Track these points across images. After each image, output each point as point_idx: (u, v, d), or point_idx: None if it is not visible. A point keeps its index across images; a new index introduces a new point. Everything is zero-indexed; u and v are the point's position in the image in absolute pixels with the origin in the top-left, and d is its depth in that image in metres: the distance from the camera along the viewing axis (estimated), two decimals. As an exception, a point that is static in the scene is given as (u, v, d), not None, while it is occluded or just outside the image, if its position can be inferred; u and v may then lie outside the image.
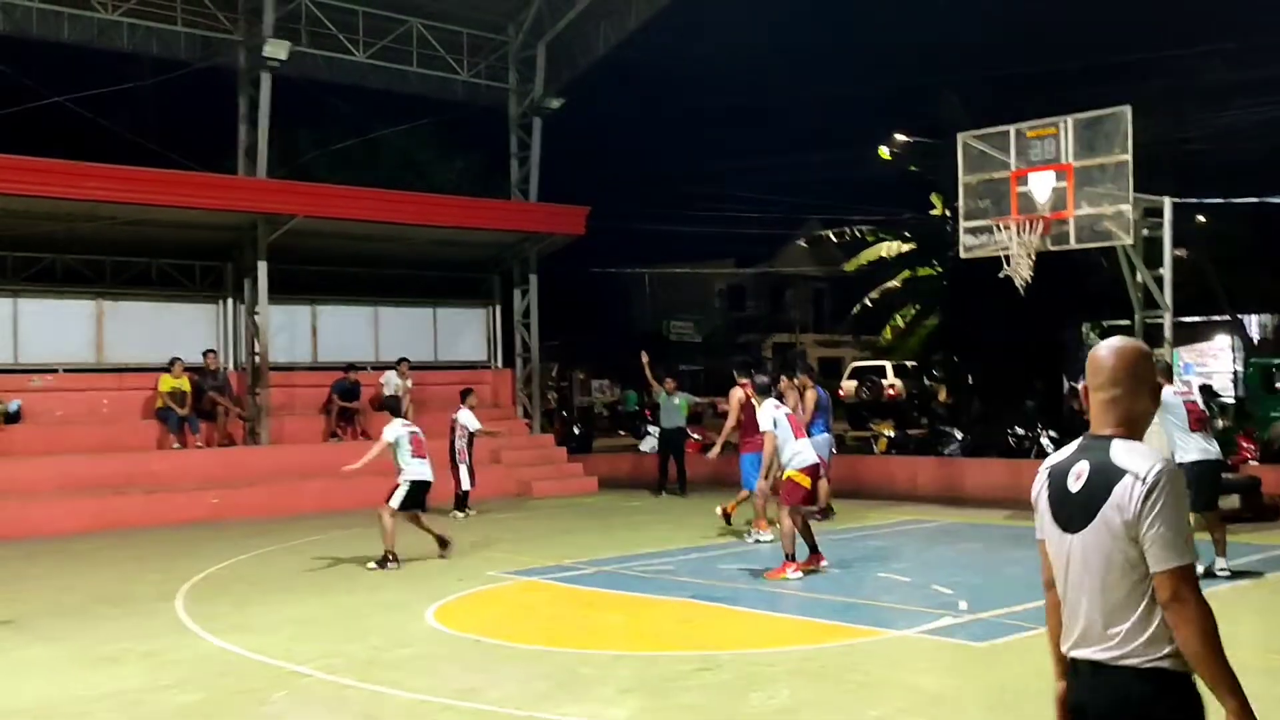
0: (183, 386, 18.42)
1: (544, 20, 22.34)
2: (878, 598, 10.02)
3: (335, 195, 20.73)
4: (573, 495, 19.97)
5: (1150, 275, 15.01)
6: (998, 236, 15.03)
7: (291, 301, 20.77)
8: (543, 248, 22.77)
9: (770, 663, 7.75)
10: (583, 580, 11.34)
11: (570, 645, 8.44)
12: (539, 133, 23.01)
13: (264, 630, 9.18)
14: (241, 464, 18.49)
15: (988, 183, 15.36)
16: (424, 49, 21.85)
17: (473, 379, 21.96)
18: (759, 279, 59.25)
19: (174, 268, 20.03)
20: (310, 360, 21.18)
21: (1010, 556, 12.21)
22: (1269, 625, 8.75)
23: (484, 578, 11.48)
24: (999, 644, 8.09)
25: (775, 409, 11.35)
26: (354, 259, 21.51)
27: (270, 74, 19.44)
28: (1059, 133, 14.60)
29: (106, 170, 17.82)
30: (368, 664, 7.96)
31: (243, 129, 20.19)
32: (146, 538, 15.25)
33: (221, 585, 11.57)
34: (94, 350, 19.17)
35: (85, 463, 17.12)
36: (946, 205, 26.45)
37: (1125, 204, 14.06)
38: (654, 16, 22.12)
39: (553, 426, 26.73)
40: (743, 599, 10.05)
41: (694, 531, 14.67)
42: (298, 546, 14.31)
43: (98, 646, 8.75)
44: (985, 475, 17.49)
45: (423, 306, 22.73)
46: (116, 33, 19.81)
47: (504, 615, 9.91)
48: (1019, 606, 9.31)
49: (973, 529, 14.53)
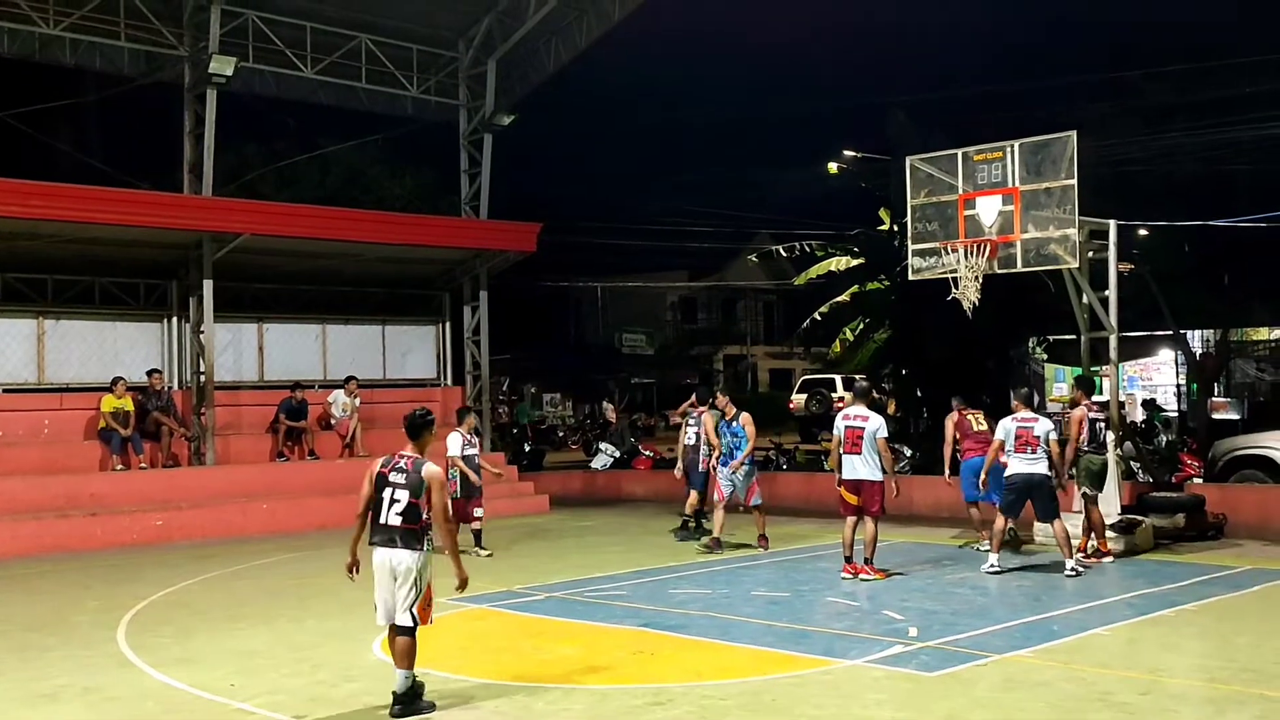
0: (126, 406, 18.13)
1: (494, 37, 22.26)
2: (829, 625, 10.03)
3: (282, 213, 20.54)
4: (524, 515, 19.84)
5: (1096, 297, 15.18)
6: (945, 259, 15.14)
7: (238, 319, 20.55)
8: (493, 265, 22.67)
9: (723, 696, 7.73)
10: (533, 608, 11.26)
11: (521, 679, 8.36)
12: (489, 149, 22.91)
13: (208, 664, 9.03)
14: (186, 485, 18.21)
15: (935, 205, 15.48)
16: (373, 65, 21.69)
17: (422, 396, 21.81)
18: (711, 292, 59.50)
19: (117, 286, 19.71)
20: (257, 379, 20.93)
21: (959, 578, 12.30)
22: (1212, 652, 8.83)
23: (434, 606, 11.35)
24: (948, 674, 8.11)
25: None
26: (302, 276, 21.30)
27: (216, 90, 19.19)
28: (1006, 157, 14.74)
29: (48, 188, 17.52)
30: (311, 701, 7.85)
31: (188, 145, 19.87)
32: (89, 562, 14.97)
33: (165, 614, 11.37)
34: (35, 370, 18.82)
35: (25, 484, 16.77)
36: (895, 221, 26.66)
37: (1071, 228, 14.21)
38: (605, 34, 22.11)
39: (503, 443, 26.60)
40: (694, 627, 10.01)
41: (646, 554, 14.68)
42: (244, 570, 14.11)
43: (35, 682, 8.55)
44: (934, 494, 17.56)
45: (371, 324, 22.55)
46: (59, 47, 19.50)
47: (453, 646, 9.79)
48: (968, 634, 9.38)
49: (922, 549, 14.62)
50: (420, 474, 7.46)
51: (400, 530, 7.44)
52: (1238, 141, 26.03)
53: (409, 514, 7.43)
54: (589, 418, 43.69)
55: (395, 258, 21.59)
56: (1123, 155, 25.12)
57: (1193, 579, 12.00)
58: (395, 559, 7.45)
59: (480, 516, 14.78)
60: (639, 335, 57.18)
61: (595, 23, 21.89)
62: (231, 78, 19.15)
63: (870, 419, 12.20)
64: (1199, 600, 10.77)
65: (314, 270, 21.17)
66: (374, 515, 7.49)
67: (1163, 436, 23.29)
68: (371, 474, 7.52)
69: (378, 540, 7.46)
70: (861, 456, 12.12)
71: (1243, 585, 11.61)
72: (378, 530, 7.46)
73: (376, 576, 7.47)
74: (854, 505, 12.24)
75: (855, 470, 12.20)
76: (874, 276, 28.38)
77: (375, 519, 7.48)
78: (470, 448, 14.81)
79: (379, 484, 7.50)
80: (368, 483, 7.54)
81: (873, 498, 12.19)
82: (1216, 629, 9.61)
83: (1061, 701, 7.39)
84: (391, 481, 7.46)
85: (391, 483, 7.46)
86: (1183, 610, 10.36)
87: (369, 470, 7.55)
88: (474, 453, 14.89)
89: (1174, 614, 10.20)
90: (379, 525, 7.46)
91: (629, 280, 53.99)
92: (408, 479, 7.44)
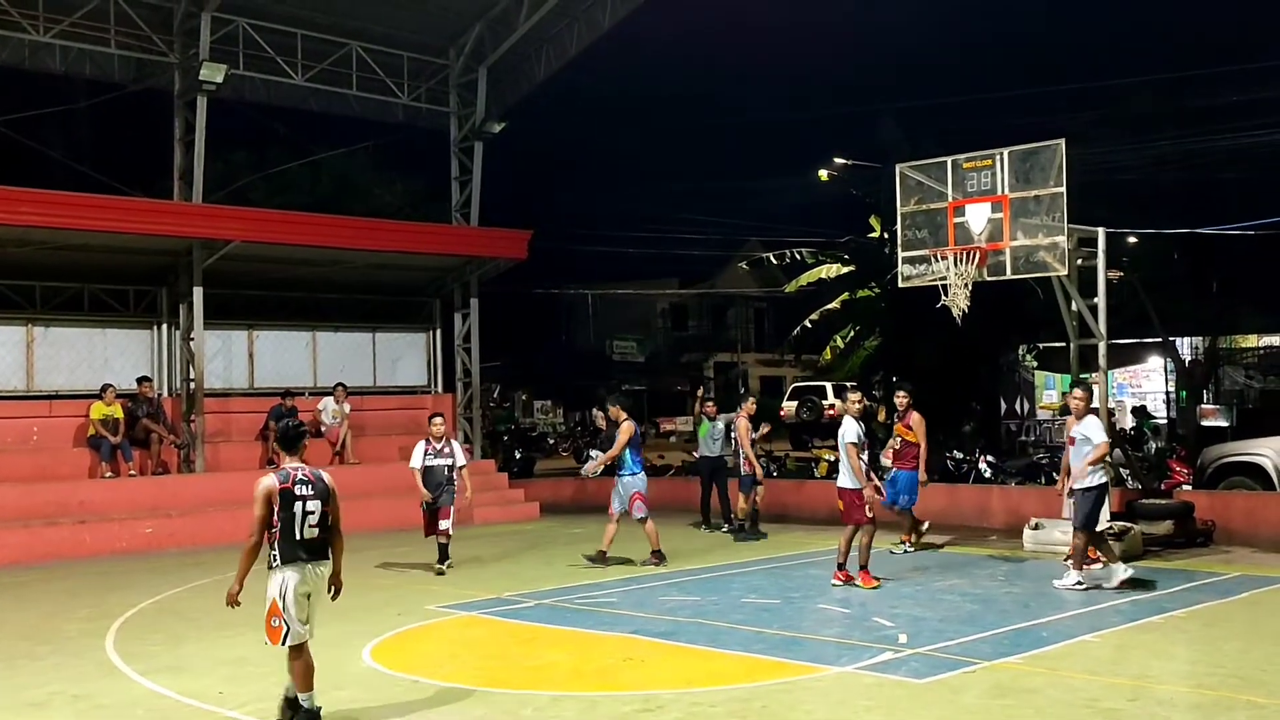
0: (115, 413, 18.09)
1: (485, 45, 22.28)
2: (818, 632, 10.03)
3: (273, 220, 20.52)
4: (514, 522, 19.84)
5: (1085, 304, 15.23)
6: (935, 267, 15.20)
7: (228, 326, 20.55)
8: (484, 272, 22.69)
9: (713, 703, 7.73)
10: (523, 614, 11.26)
11: (510, 686, 8.36)
12: (480, 156, 22.93)
13: (197, 671, 9.01)
14: (176, 492, 18.18)
15: (925, 213, 15.54)
16: (364, 72, 21.70)
17: (413, 404, 21.85)
18: (701, 299, 59.53)
19: (107, 293, 19.69)
20: (247, 386, 20.92)
21: (948, 584, 12.31)
22: (1200, 658, 8.86)
23: (423, 612, 11.37)
24: (938, 681, 8.12)
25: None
26: (292, 283, 21.30)
27: (206, 97, 19.19)
28: (995, 164, 14.81)
29: (38, 195, 17.50)
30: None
31: (178, 152, 19.86)
32: (78, 570, 14.94)
33: (154, 621, 11.35)
34: (24, 377, 18.80)
35: (14, 492, 16.73)
36: (885, 228, 26.74)
37: (1060, 235, 14.28)
38: (594, 42, 22.16)
39: (494, 450, 26.59)
40: (684, 633, 10.01)
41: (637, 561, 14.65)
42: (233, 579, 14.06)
43: (25, 691, 8.54)
44: (923, 500, 17.53)
45: (362, 331, 22.56)
46: (49, 54, 19.49)
47: (443, 653, 9.80)
48: (957, 640, 9.39)
49: (910, 556, 14.63)
50: (325, 482, 7.40)
51: (319, 541, 7.32)
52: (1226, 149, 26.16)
53: (323, 524, 7.33)
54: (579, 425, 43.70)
55: (386, 265, 21.58)
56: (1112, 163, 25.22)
57: (1181, 585, 12.02)
58: (320, 571, 7.33)
59: (446, 530, 13.90)
60: (630, 342, 57.19)
61: (585, 30, 21.94)
62: (222, 85, 19.14)
63: (842, 424, 12.25)
64: (1188, 607, 10.79)
65: (304, 277, 21.16)
66: (285, 534, 7.19)
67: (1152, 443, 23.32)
68: (271, 493, 7.16)
69: (302, 556, 7.22)
70: (842, 463, 12.20)
71: (1231, 592, 11.64)
72: (297, 547, 7.21)
73: (295, 595, 7.20)
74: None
75: (840, 478, 12.28)
76: (864, 284, 28.51)
77: (288, 537, 7.20)
78: (439, 457, 13.96)
79: (286, 501, 7.21)
80: (265, 504, 7.17)
81: (848, 506, 12.19)
82: (1205, 635, 9.63)
83: (1050, 708, 7.40)
84: (300, 495, 7.23)
85: (300, 496, 7.23)
86: (1171, 617, 10.38)
87: (261, 493, 7.17)
88: (443, 462, 13.95)
89: (1163, 620, 10.22)
90: (297, 542, 7.21)
91: (620, 287, 54.00)
92: (315, 489, 7.30)
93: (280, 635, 7.20)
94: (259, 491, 7.22)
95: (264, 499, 7.19)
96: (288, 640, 7.21)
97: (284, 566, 7.20)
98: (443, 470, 13.90)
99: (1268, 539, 14.81)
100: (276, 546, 7.20)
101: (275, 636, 7.22)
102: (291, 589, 7.18)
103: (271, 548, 7.20)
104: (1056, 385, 34.04)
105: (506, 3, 21.43)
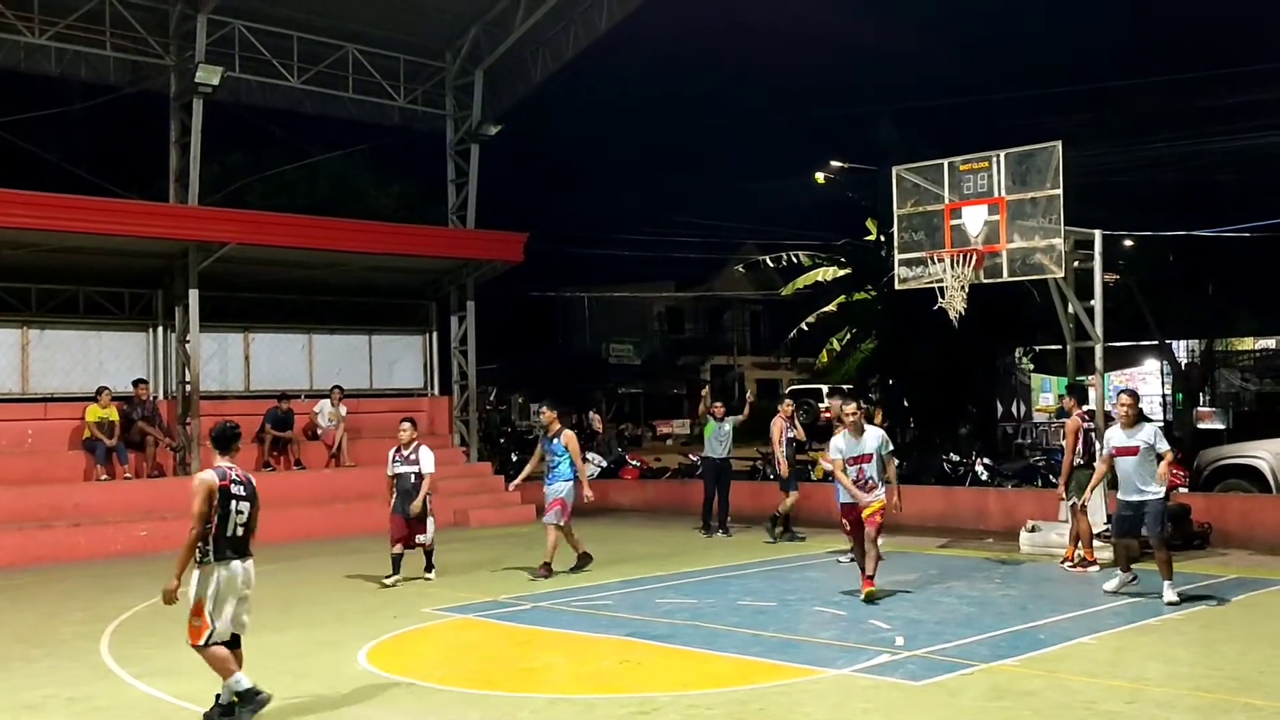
0: (110, 416, 18.06)
1: (481, 48, 22.27)
2: (814, 634, 10.01)
3: (269, 222, 20.49)
4: (511, 524, 19.81)
5: (1081, 306, 15.23)
6: (932, 269, 15.19)
7: (224, 329, 20.51)
8: (480, 274, 22.67)
9: (709, 705, 7.72)
10: (520, 617, 11.24)
11: (506, 688, 8.34)
12: (476, 159, 22.91)
13: (192, 674, 8.93)
14: (171, 495, 18.03)
15: (922, 215, 15.52)
16: (360, 75, 21.67)
17: (409, 406, 21.79)
18: (698, 302, 59.51)
19: (102, 295, 19.66)
20: (243, 389, 20.89)
21: (945, 587, 12.30)
22: (1198, 660, 8.84)
23: (419, 615, 11.35)
24: (935, 683, 8.10)
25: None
26: (288, 286, 21.28)
27: (202, 99, 19.16)
28: (991, 166, 14.79)
29: (33, 197, 17.46)
30: (297, 712, 7.81)
31: (174, 154, 19.82)
32: (73, 573, 14.91)
33: (149, 624, 11.31)
34: (19, 379, 18.76)
35: (9, 495, 16.68)
36: (882, 231, 26.75)
37: (1057, 237, 14.27)
38: (591, 45, 22.15)
39: (491, 453, 26.55)
40: (680, 636, 10.00)
41: (632, 564, 14.64)
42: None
43: (20, 693, 8.52)
44: (920, 503, 17.56)
45: (358, 334, 22.53)
46: (44, 56, 19.47)
47: (439, 656, 9.78)
48: (954, 642, 9.37)
49: (907, 559, 14.58)
50: (253, 484, 7.70)
51: (245, 540, 7.55)
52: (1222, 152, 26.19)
53: (249, 524, 7.58)
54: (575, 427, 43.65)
55: (382, 267, 21.56)
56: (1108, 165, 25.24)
57: (1178, 588, 12.00)
58: (249, 568, 7.55)
59: (422, 542, 13.30)
60: (626, 345, 57.15)
61: (582, 33, 21.93)
62: (218, 87, 19.12)
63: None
64: (1185, 609, 10.78)
65: (300, 280, 21.13)
66: (219, 531, 7.36)
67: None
68: (211, 490, 7.33)
69: (231, 554, 7.41)
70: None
71: (1228, 594, 11.63)
72: (229, 544, 7.41)
73: (225, 590, 7.38)
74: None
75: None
76: (861, 286, 28.50)
77: (222, 534, 7.37)
78: (406, 464, 13.26)
79: (224, 499, 7.39)
80: (205, 500, 7.32)
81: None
82: (1202, 638, 9.62)
83: (1048, 710, 7.39)
84: (235, 494, 7.45)
85: (235, 495, 7.45)
86: (1168, 619, 10.37)
87: (203, 488, 7.34)
88: (409, 469, 13.22)
89: (1159, 623, 10.21)
90: (230, 539, 7.42)
91: (616, 290, 53.98)
92: (247, 490, 7.58)
93: (203, 635, 7.33)
94: (200, 488, 7.39)
95: (206, 495, 7.35)
96: (210, 640, 7.34)
97: (216, 564, 7.36)
98: (409, 477, 13.23)
99: (1264, 541, 14.82)
100: (210, 542, 7.36)
101: (197, 636, 7.35)
102: (224, 587, 7.36)
103: (205, 543, 7.35)
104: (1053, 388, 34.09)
105: (503, 5, 21.42)
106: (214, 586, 7.33)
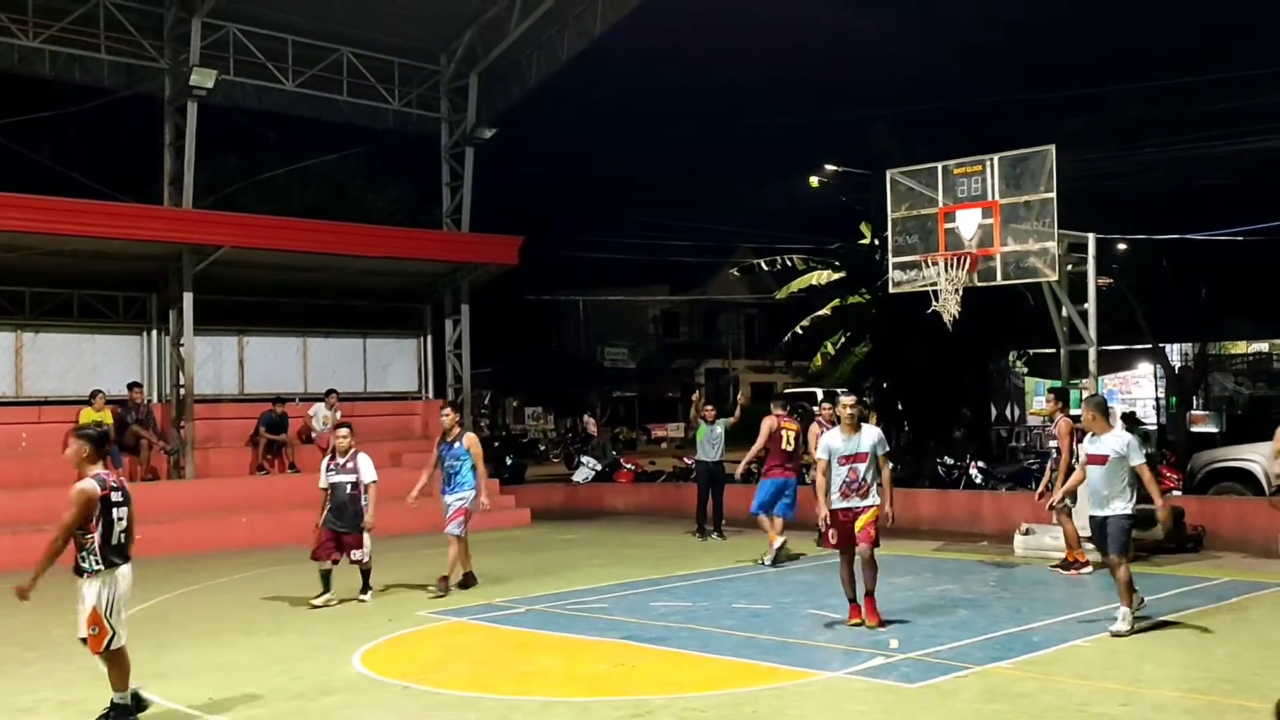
0: (105, 419, 17.97)
1: (476, 50, 22.28)
2: (809, 636, 10.01)
3: (263, 225, 20.49)
4: (505, 528, 19.79)
5: (1075, 310, 15.26)
6: (926, 272, 15.23)
7: (218, 332, 20.50)
8: (475, 277, 22.68)
9: (703, 708, 7.71)
10: (514, 620, 11.23)
11: (501, 691, 8.33)
12: (471, 162, 22.92)
13: (185, 677, 8.98)
14: (165, 498, 18.10)
15: (916, 219, 15.56)
16: (354, 78, 21.68)
17: (403, 409, 21.84)
18: (692, 305, 59.53)
19: (96, 298, 19.65)
20: (237, 392, 20.88)
21: (939, 590, 12.31)
22: (1191, 663, 8.86)
23: (414, 618, 11.34)
24: (929, 685, 8.11)
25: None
26: (283, 289, 21.26)
27: (197, 102, 19.15)
28: (985, 170, 14.85)
29: (27, 200, 17.46)
30: (290, 715, 7.81)
31: (168, 157, 19.80)
32: (66, 576, 14.74)
33: (143, 627, 11.24)
34: (13, 383, 18.75)
35: (3, 498, 16.65)
36: (876, 234, 26.76)
37: (1050, 241, 14.31)
38: (586, 48, 22.18)
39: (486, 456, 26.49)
40: (675, 639, 9.99)
41: (627, 566, 14.64)
42: (223, 584, 14.06)
43: (13, 697, 8.51)
44: (914, 506, 17.59)
45: (353, 337, 22.53)
46: (38, 59, 19.46)
47: (433, 659, 9.77)
48: (948, 645, 9.38)
49: (901, 561, 14.57)
50: (127, 488, 7.76)
51: (127, 546, 7.63)
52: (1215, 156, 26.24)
53: (128, 530, 7.64)
54: (570, 431, 43.68)
55: (377, 270, 21.57)
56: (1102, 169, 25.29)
57: (1172, 591, 12.03)
58: (128, 572, 7.64)
59: (359, 560, 12.29)
60: (621, 349, 57.17)
61: (576, 37, 21.96)
62: (212, 90, 19.13)
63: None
64: (1178, 612, 10.79)
65: (295, 283, 21.12)
66: (104, 540, 7.40)
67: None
68: (94, 500, 7.34)
69: (118, 560, 7.50)
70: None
71: (1222, 597, 11.65)
72: (114, 551, 7.48)
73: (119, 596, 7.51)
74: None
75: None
76: (855, 290, 28.48)
77: (107, 543, 7.42)
78: (341, 473, 12.24)
79: (105, 508, 7.41)
80: (85, 510, 7.33)
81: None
82: (1196, 640, 9.63)
83: (1042, 713, 7.40)
84: (114, 502, 7.49)
85: (114, 503, 7.49)
86: (1162, 622, 10.38)
87: (84, 499, 7.32)
88: (345, 479, 12.21)
89: (1154, 625, 10.22)
90: (115, 547, 7.48)
91: (611, 294, 53.99)
92: (125, 496, 7.63)
93: (103, 642, 7.42)
94: (80, 498, 7.38)
95: (86, 505, 7.37)
96: (111, 645, 7.44)
97: (105, 571, 7.42)
98: (344, 488, 12.17)
99: (1257, 544, 14.82)
100: (98, 551, 7.40)
101: (98, 644, 7.44)
102: (118, 595, 7.48)
103: (91, 552, 7.40)
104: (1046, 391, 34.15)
105: (498, 9, 21.44)
106: (109, 594, 7.42)
